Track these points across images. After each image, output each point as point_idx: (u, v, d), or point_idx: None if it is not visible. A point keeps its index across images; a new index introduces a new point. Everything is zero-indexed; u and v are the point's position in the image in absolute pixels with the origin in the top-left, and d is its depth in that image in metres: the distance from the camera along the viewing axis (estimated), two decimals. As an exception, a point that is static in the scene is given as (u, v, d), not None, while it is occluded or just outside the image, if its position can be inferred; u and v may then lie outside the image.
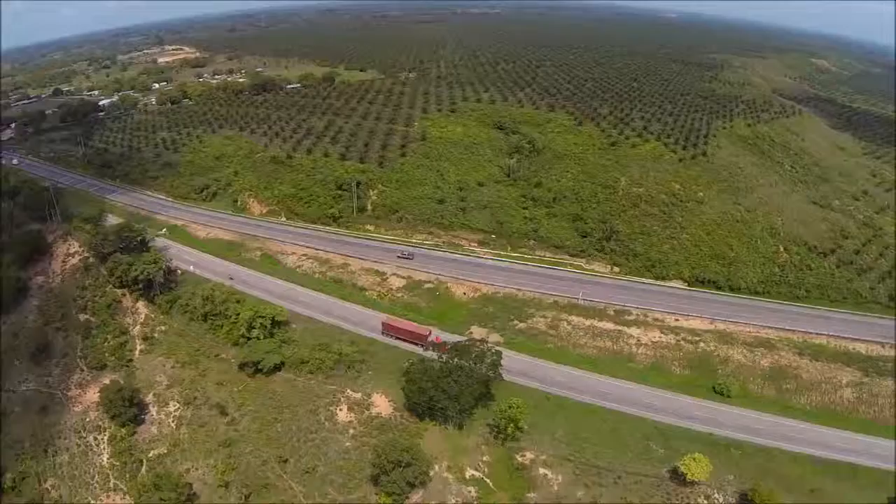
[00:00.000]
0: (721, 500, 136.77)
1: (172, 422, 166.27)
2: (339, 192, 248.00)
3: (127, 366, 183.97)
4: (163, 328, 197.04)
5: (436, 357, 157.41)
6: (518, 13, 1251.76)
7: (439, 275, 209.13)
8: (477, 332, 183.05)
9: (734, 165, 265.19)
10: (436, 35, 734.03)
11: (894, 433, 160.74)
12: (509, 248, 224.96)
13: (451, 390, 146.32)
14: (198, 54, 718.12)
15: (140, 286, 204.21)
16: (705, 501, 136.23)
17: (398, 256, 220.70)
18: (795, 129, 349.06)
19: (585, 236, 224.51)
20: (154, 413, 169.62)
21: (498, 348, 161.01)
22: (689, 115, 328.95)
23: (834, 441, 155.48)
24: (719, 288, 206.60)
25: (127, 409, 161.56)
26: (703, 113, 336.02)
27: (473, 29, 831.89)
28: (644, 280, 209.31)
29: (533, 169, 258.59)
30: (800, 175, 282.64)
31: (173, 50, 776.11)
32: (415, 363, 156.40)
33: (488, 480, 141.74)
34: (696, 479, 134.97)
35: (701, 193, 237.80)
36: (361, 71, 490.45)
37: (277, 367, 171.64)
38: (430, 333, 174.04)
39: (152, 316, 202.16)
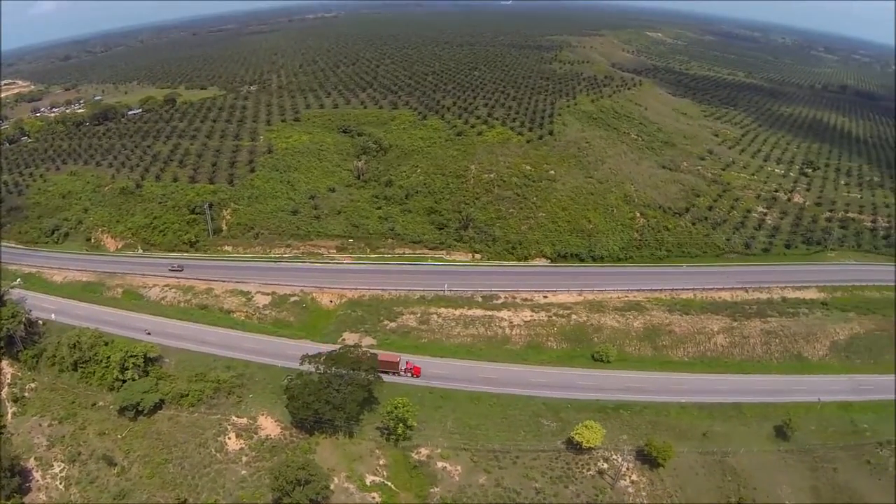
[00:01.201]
0: (620, 459, 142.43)
1: (60, 484, 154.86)
2: (193, 216, 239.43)
3: (0, 433, 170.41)
4: (32, 385, 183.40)
5: (312, 370, 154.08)
6: (356, 15, 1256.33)
7: (303, 286, 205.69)
8: (349, 337, 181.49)
9: (582, 140, 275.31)
10: (274, 44, 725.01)
11: (767, 368, 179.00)
12: (369, 250, 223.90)
13: (334, 400, 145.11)
14: (32, 87, 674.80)
15: (1, 344, 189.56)
16: (605, 464, 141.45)
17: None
18: (638, 100, 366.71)
19: (442, 228, 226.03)
20: (39, 478, 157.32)
21: (373, 351, 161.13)
22: (532, 97, 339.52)
23: (715, 386, 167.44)
24: (582, 260, 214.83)
25: (9, 480, 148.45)
26: (547, 94, 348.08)
27: (311, 35, 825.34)
28: (507, 263, 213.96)
29: (382, 168, 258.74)
30: (647, 142, 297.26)
31: (6, 84, 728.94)
32: (293, 378, 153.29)
33: (390, 483, 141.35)
34: (592, 445, 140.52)
35: (552, 172, 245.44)
36: (202, 89, 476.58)
37: (158, 406, 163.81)
38: (399, 359, 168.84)
39: (19, 374, 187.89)
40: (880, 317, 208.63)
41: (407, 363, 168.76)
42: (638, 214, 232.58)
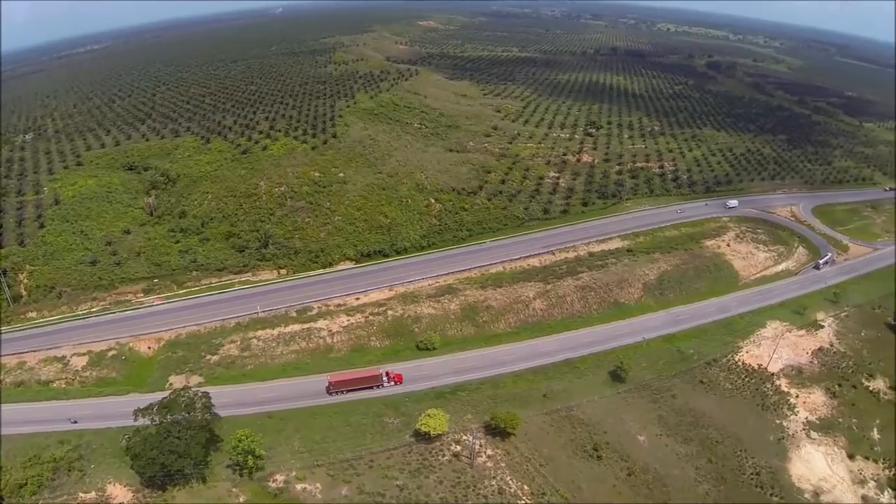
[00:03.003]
0: (471, 439, 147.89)
1: None
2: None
3: None
4: None
5: (148, 422, 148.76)
6: (123, 44, 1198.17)
7: (118, 338, 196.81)
8: (176, 381, 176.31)
9: (367, 138, 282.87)
10: (45, 85, 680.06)
11: (589, 321, 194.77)
12: (176, 287, 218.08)
13: (178, 449, 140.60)
14: None
15: None
16: (458, 447, 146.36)
17: None
18: (417, 89, 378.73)
19: (243, 250, 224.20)
20: None
21: (203, 389, 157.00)
22: (312, 103, 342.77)
23: (543, 348, 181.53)
24: (386, 256, 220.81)
25: None
26: (326, 97, 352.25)
27: (82, 70, 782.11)
28: (314, 272, 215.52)
29: (174, 200, 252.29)
30: (431, 129, 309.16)
31: None
32: (131, 437, 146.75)
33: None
34: (440, 432, 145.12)
35: (342, 174, 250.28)
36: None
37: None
38: (380, 372, 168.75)
39: None
40: (682, 251, 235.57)
41: (387, 372, 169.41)
42: (433, 200, 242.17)
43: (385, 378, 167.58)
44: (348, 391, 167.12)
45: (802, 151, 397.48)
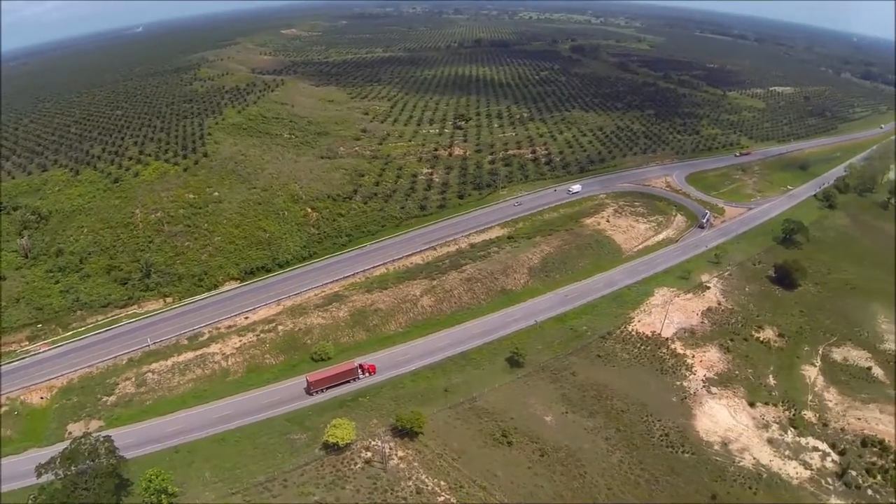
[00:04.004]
0: (380, 443, 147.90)
1: None
2: None
3: None
4: None
5: (52, 477, 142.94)
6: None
7: (7, 393, 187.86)
8: (75, 428, 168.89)
9: (238, 154, 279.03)
10: None
11: (480, 312, 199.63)
12: (61, 330, 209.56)
13: (88, 500, 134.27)
14: None
15: None
16: (368, 453, 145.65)
17: None
18: (284, 99, 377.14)
19: (126, 282, 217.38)
20: None
21: (104, 434, 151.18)
22: (179, 123, 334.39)
23: (437, 344, 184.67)
24: (269, 271, 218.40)
25: None
26: (194, 116, 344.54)
27: None
28: (200, 297, 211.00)
29: (48, 239, 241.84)
30: (301, 138, 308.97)
31: None
32: (37, 496, 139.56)
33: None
34: (348, 441, 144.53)
35: (216, 193, 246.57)
36: None
37: None
38: (355, 365, 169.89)
39: None
40: (563, 232, 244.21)
41: (361, 365, 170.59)
42: (309, 210, 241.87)
43: (360, 371, 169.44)
44: (327, 388, 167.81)
45: (671, 123, 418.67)
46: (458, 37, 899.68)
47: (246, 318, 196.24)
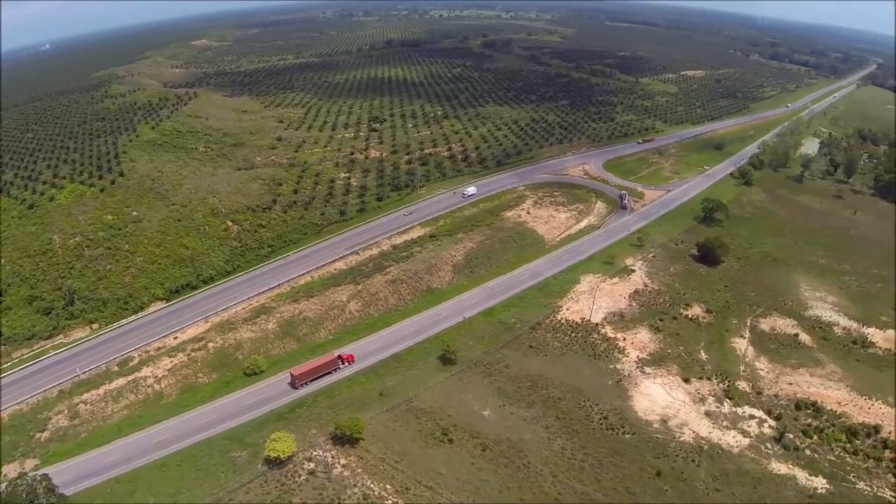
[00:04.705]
0: (321, 453, 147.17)
1: None
2: None
3: None
4: None
5: None
6: None
7: None
8: (10, 470, 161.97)
9: (154, 171, 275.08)
10: None
11: (407, 312, 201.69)
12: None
13: None
14: None
15: None
16: (311, 464, 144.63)
17: None
18: (197, 112, 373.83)
19: (49, 312, 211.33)
20: None
21: (41, 472, 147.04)
22: (93, 142, 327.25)
23: (368, 348, 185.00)
24: (195, 288, 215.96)
25: None
26: (106, 135, 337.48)
27: None
28: (126, 320, 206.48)
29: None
30: (217, 151, 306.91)
31: None
32: None
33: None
34: (290, 454, 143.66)
35: (135, 212, 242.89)
36: None
37: None
38: (334, 356, 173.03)
39: None
40: (485, 227, 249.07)
41: (340, 356, 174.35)
42: (230, 223, 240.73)
43: (340, 361, 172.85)
44: (311, 381, 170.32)
45: (585, 112, 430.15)
46: (369, 39, 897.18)
47: (175, 338, 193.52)
